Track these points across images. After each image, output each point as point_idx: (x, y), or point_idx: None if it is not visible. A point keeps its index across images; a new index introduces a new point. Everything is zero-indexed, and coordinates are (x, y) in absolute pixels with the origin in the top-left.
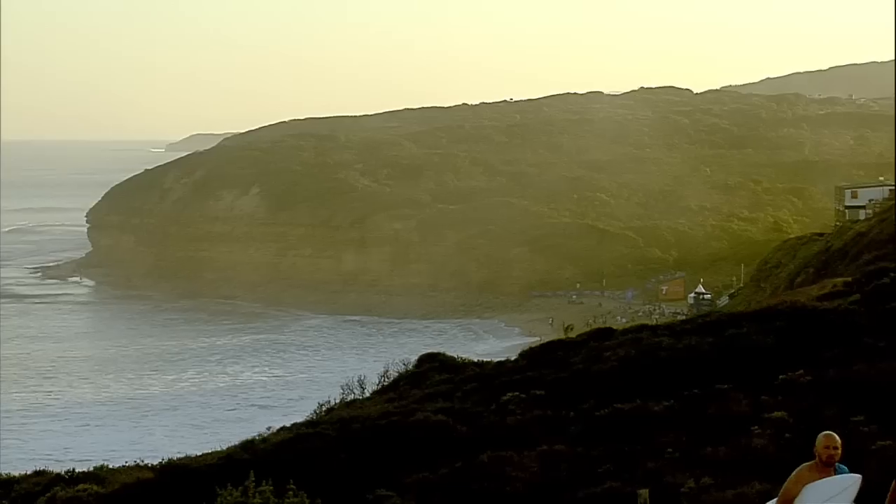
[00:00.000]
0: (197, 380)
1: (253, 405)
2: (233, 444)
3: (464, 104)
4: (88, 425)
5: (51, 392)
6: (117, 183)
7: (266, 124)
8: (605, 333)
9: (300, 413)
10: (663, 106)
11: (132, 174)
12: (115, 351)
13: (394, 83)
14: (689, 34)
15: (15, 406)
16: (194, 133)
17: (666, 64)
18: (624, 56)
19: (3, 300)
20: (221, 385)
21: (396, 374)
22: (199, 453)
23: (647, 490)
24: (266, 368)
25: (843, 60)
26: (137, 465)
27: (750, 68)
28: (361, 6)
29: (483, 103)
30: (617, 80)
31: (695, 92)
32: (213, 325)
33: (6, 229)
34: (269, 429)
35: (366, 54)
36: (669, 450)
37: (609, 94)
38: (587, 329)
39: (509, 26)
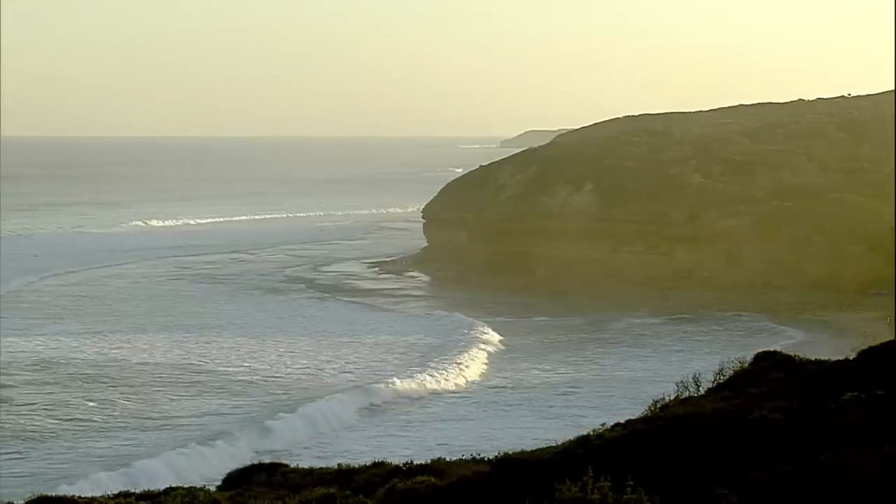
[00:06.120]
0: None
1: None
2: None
3: (800, 100)
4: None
5: (361, 385)
6: (453, 179)
7: (599, 120)
8: None
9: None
10: None
11: (468, 170)
12: (422, 347)
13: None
14: None
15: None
16: (528, 129)
17: None
18: None
19: (340, 294)
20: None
21: (732, 372)
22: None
23: None
24: (586, 364)
25: None
26: (473, 458)
27: None
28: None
29: (819, 99)
30: None
31: None
32: (536, 320)
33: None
34: (603, 425)
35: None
36: None
37: None
38: None
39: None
